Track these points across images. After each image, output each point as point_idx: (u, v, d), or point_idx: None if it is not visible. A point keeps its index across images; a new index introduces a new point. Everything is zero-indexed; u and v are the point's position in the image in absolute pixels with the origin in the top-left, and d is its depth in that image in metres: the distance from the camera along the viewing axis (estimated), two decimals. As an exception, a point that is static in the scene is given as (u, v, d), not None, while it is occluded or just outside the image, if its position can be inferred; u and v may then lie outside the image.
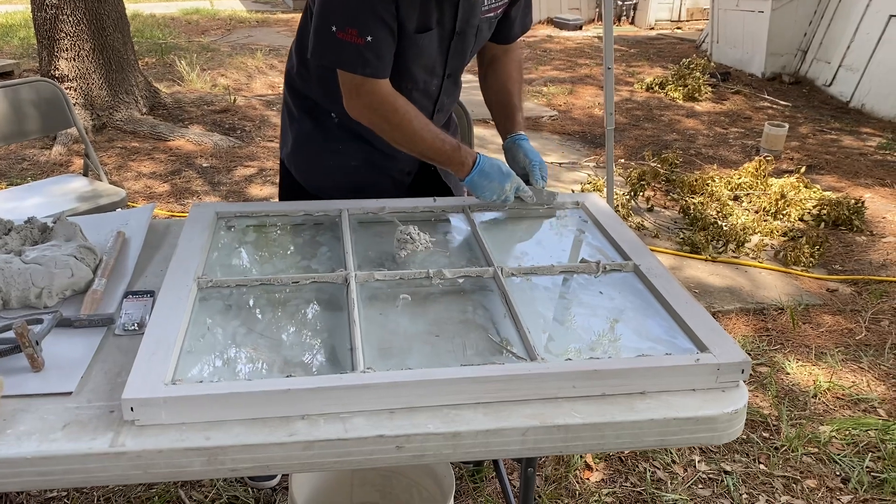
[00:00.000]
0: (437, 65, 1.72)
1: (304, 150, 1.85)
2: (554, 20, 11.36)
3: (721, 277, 3.58)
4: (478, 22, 1.69)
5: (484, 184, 1.66)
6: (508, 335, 1.29)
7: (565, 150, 5.53)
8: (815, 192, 4.41)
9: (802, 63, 7.56)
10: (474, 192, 1.69)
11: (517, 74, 1.93)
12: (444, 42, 1.68)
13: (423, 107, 1.77)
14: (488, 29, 1.76)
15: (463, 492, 2.21)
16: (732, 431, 1.19)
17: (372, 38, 1.53)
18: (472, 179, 1.66)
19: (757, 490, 2.27)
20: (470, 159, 1.66)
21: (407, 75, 1.69)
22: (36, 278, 1.36)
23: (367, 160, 1.80)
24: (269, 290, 1.41)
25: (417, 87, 1.73)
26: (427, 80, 1.74)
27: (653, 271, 1.47)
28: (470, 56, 1.79)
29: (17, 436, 1.04)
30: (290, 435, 1.07)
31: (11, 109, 2.98)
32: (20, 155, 4.98)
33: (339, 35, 1.53)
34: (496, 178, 1.66)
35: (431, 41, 1.65)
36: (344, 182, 1.84)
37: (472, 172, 1.66)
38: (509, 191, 1.68)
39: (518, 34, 1.90)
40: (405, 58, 1.64)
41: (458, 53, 1.73)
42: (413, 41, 1.62)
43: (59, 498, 2.14)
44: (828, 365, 2.89)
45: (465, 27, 1.67)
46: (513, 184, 1.68)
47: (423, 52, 1.66)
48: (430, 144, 1.65)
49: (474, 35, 1.72)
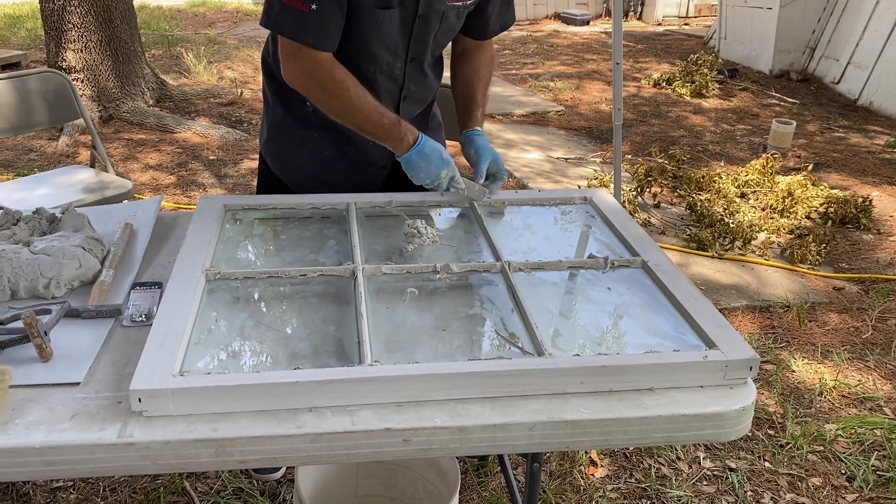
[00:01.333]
0: (398, 47, 1.69)
1: (278, 139, 1.84)
2: (561, 15, 11.33)
3: (727, 275, 3.57)
4: (444, 8, 1.66)
5: (421, 164, 1.64)
6: (516, 330, 1.29)
7: (571, 145, 5.52)
8: (823, 190, 4.39)
9: (810, 60, 7.52)
10: (409, 172, 1.66)
11: (485, 71, 1.90)
12: (406, 24, 1.64)
13: (389, 91, 1.75)
14: (456, 18, 1.73)
15: (467, 486, 2.21)
16: (740, 429, 1.19)
17: (317, 7, 1.51)
18: (409, 157, 1.64)
19: (762, 487, 2.27)
20: (410, 137, 1.63)
21: (368, 55, 1.67)
22: (44, 269, 1.37)
23: (340, 151, 1.78)
24: (276, 282, 1.41)
25: (381, 69, 1.71)
26: (390, 61, 1.71)
27: (661, 267, 1.47)
28: (435, 43, 1.75)
29: (26, 425, 1.05)
30: (297, 427, 1.07)
31: (19, 100, 2.98)
32: (27, 146, 4.99)
33: (285, 1, 1.51)
34: (434, 162, 1.64)
35: (392, 20, 1.62)
36: (317, 174, 1.82)
37: (411, 151, 1.63)
38: (444, 178, 1.65)
39: (494, 31, 1.86)
40: (366, 35, 1.62)
41: (421, 37, 1.69)
42: (373, 16, 1.59)
43: (66, 488, 2.15)
44: (834, 363, 2.89)
45: (429, 11, 1.64)
46: (449, 172, 1.66)
47: (384, 31, 1.63)
48: (366, 116, 1.62)
49: (439, 21, 1.68)
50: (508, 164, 4.94)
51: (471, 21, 1.80)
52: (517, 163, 5.02)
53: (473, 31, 1.84)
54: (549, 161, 5.11)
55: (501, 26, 1.86)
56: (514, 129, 5.82)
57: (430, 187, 1.69)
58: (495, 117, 6.02)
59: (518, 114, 6.20)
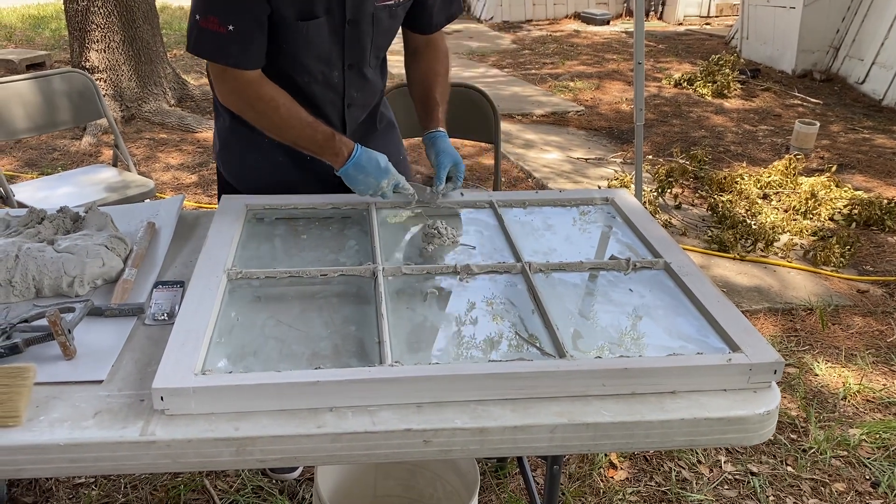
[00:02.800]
0: (333, 55, 1.66)
1: (230, 147, 1.82)
2: (581, 15, 11.28)
3: (749, 277, 3.54)
4: (372, 10, 1.63)
5: (359, 177, 1.61)
6: (536, 331, 1.29)
7: (591, 145, 5.50)
8: (846, 192, 4.34)
9: (834, 60, 7.43)
10: (349, 185, 1.63)
11: (440, 67, 1.86)
12: (336, 31, 1.62)
13: (330, 101, 1.73)
14: (390, 18, 1.69)
15: (486, 487, 2.20)
16: (764, 433, 1.17)
17: (234, 28, 1.49)
18: (346, 171, 1.61)
19: (784, 492, 2.25)
20: (346, 150, 1.60)
21: (301, 67, 1.65)
22: (68, 267, 1.38)
23: (292, 157, 1.75)
24: (297, 282, 1.42)
25: (316, 79, 1.69)
26: (325, 71, 1.68)
27: (684, 269, 1.46)
28: (375, 47, 1.72)
29: (50, 422, 1.06)
30: (318, 427, 1.07)
31: (43, 100, 3.02)
32: (51, 145, 5.05)
33: (202, 23, 1.50)
34: (372, 172, 1.60)
35: (321, 30, 1.60)
36: (270, 180, 1.79)
37: (347, 164, 1.60)
38: (386, 187, 1.62)
39: (440, 24, 1.82)
40: (294, 47, 1.61)
41: (356, 43, 1.67)
42: (297, 29, 1.57)
43: (88, 484, 2.17)
44: (858, 367, 2.85)
45: (358, 15, 1.62)
46: (390, 180, 1.62)
47: (313, 42, 1.61)
48: (299, 132, 1.61)
49: (371, 24, 1.66)
50: (528, 165, 4.93)
51: (413, 16, 1.77)
52: (536, 163, 5.00)
53: (418, 26, 1.81)
54: (568, 161, 5.09)
55: (447, 18, 1.83)
56: (534, 129, 5.80)
57: (375, 198, 1.65)
58: (514, 117, 6.01)
59: (537, 114, 6.18)
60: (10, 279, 1.35)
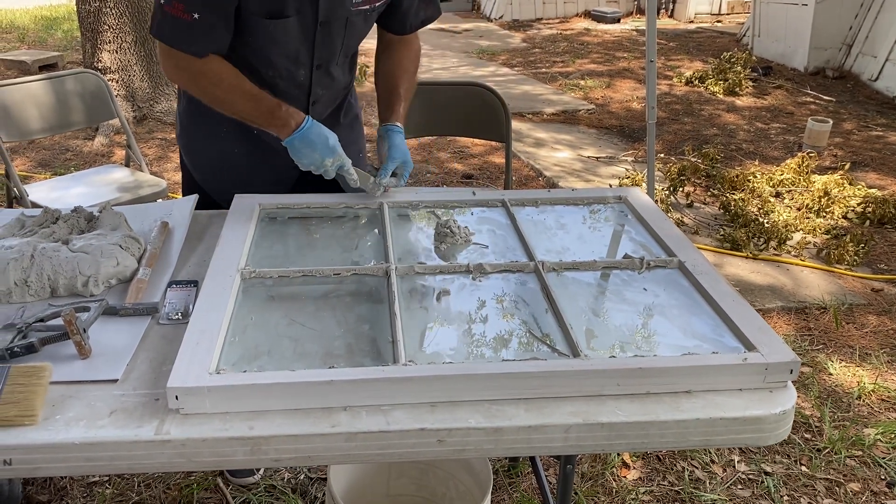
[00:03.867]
0: (301, 55, 1.66)
1: (188, 131, 1.82)
2: (591, 13, 11.25)
3: (762, 275, 3.52)
4: (347, 14, 1.63)
5: (304, 150, 1.59)
6: (550, 330, 1.28)
7: (602, 143, 5.48)
8: (860, 190, 4.31)
9: (847, 57, 7.38)
10: (293, 157, 1.62)
11: (409, 65, 1.86)
12: (307, 32, 1.62)
13: (295, 97, 1.73)
14: (363, 22, 1.70)
15: (499, 486, 2.20)
16: (780, 433, 1.16)
17: (199, 17, 1.49)
18: (291, 141, 1.59)
19: (798, 492, 2.23)
20: (293, 121, 1.58)
21: (266, 62, 1.65)
22: (83, 267, 1.38)
23: (249, 149, 1.74)
24: (310, 281, 1.42)
25: (280, 75, 1.69)
26: (291, 69, 1.69)
27: (698, 268, 1.45)
28: (345, 48, 1.72)
29: (66, 421, 1.06)
30: (332, 426, 1.07)
31: (56, 100, 3.03)
32: (64, 145, 5.08)
33: (166, 7, 1.50)
34: (319, 148, 1.59)
35: (290, 29, 1.59)
36: (227, 172, 1.79)
37: (294, 134, 1.58)
38: (330, 166, 1.60)
39: (415, 26, 1.83)
40: (261, 43, 1.61)
41: (326, 45, 1.67)
42: (264, 27, 1.57)
43: (102, 483, 2.18)
44: (872, 366, 2.83)
45: (331, 18, 1.61)
46: (335, 161, 1.60)
47: (280, 40, 1.61)
48: (243, 105, 1.61)
49: (343, 27, 1.66)
50: (538, 163, 4.92)
51: (388, 18, 1.77)
52: (547, 161, 4.99)
53: (392, 27, 1.81)
54: (579, 160, 5.08)
55: (423, 21, 1.83)
56: (544, 128, 5.79)
57: (316, 173, 1.64)
58: (525, 116, 6.00)
59: (548, 112, 6.17)
60: (26, 279, 1.35)
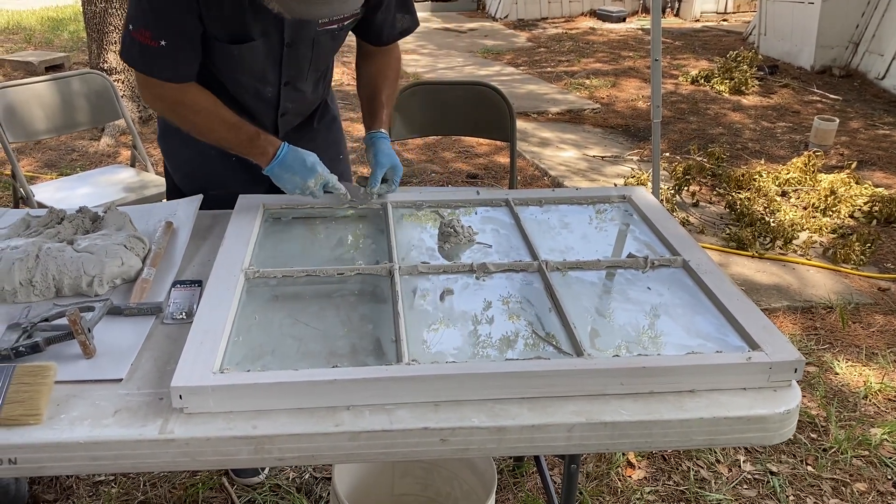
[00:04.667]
0: (268, 74, 1.67)
1: (167, 135, 1.84)
2: (597, 12, 11.24)
3: (768, 275, 3.51)
4: (314, 35, 1.63)
5: (285, 176, 1.60)
6: (554, 330, 1.28)
7: (608, 143, 5.47)
8: (867, 189, 4.29)
9: (854, 56, 7.35)
10: (277, 184, 1.63)
11: (390, 72, 1.87)
12: (274, 53, 1.63)
13: (263, 112, 1.75)
14: (332, 40, 1.70)
15: (503, 486, 2.20)
16: (784, 432, 1.16)
17: (166, 44, 1.50)
18: (272, 170, 1.60)
19: (804, 492, 2.23)
20: (271, 149, 1.60)
21: (233, 81, 1.67)
22: (87, 266, 1.39)
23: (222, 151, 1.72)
24: (314, 281, 1.42)
25: (248, 92, 1.70)
26: (258, 87, 1.70)
27: (702, 267, 1.44)
28: (313, 67, 1.73)
29: (70, 421, 1.06)
30: (335, 425, 1.07)
31: (62, 101, 3.04)
32: (70, 146, 5.10)
33: (134, 34, 1.51)
34: (298, 171, 1.59)
35: (255, 52, 1.60)
36: (203, 174, 1.80)
37: (273, 163, 1.60)
38: (314, 186, 1.60)
39: (392, 38, 1.83)
40: (227, 66, 1.62)
41: (293, 64, 1.68)
42: (228, 52, 1.58)
43: (107, 482, 2.18)
44: (879, 366, 2.82)
45: (297, 39, 1.62)
46: (318, 180, 1.60)
47: (246, 62, 1.62)
48: (223, 135, 1.62)
49: (311, 48, 1.66)
50: (544, 163, 4.91)
51: (364, 30, 1.77)
52: (552, 161, 4.99)
53: (370, 39, 1.82)
54: (584, 159, 5.07)
55: (401, 32, 1.83)
56: (550, 128, 5.78)
57: (305, 196, 1.64)
58: (530, 115, 5.99)
59: (553, 112, 6.16)
60: (31, 279, 1.36)
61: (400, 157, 1.76)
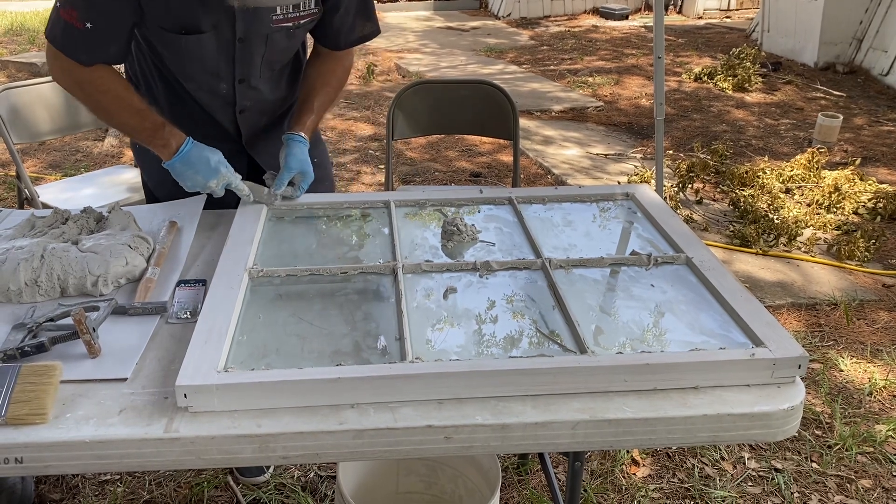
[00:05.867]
0: (221, 70, 1.65)
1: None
2: (599, 10, 11.21)
3: (772, 272, 3.50)
4: (267, 31, 1.60)
5: (186, 173, 1.57)
6: (557, 327, 1.28)
7: (611, 140, 5.47)
8: (871, 185, 4.28)
9: (858, 52, 7.33)
10: (177, 179, 1.60)
11: (333, 80, 1.82)
12: (226, 47, 1.60)
13: (219, 109, 1.73)
14: (287, 38, 1.67)
15: (508, 484, 2.20)
16: (788, 429, 1.16)
17: (92, 27, 1.47)
18: (172, 165, 1.57)
19: (809, 489, 2.22)
20: (175, 142, 1.56)
21: (186, 75, 1.65)
22: (92, 266, 1.39)
23: None
24: (318, 280, 1.42)
25: (203, 88, 1.68)
26: (212, 83, 1.67)
27: (706, 264, 1.44)
28: (266, 64, 1.69)
29: (76, 420, 1.07)
30: (340, 423, 1.07)
31: (66, 102, 3.05)
32: (74, 147, 5.11)
33: (61, 12, 1.48)
34: (201, 170, 1.57)
35: (205, 45, 1.58)
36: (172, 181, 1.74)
37: (174, 158, 1.56)
38: (215, 187, 1.58)
39: (350, 43, 1.79)
40: (178, 58, 1.60)
41: (246, 60, 1.65)
42: (178, 42, 1.56)
43: (113, 481, 2.19)
44: (884, 362, 2.81)
45: (249, 34, 1.59)
46: (220, 180, 1.58)
47: (196, 56, 1.60)
48: (126, 119, 1.59)
49: (264, 43, 1.63)
50: (547, 161, 4.91)
51: (320, 32, 1.75)
52: (555, 159, 4.98)
53: (325, 42, 1.79)
54: (588, 157, 5.07)
55: (359, 38, 1.80)
56: (553, 126, 5.78)
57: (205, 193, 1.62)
58: (533, 113, 5.99)
59: (556, 110, 6.16)
60: (36, 279, 1.36)
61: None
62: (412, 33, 9.66)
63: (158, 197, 1.84)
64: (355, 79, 6.97)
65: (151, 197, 1.90)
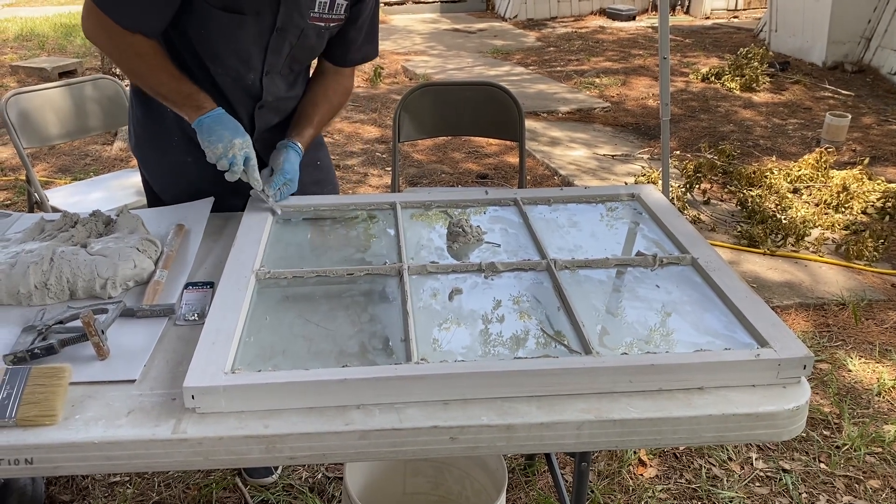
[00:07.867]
0: (252, 57, 1.66)
1: (142, 141, 1.84)
2: (606, 11, 11.21)
3: (780, 272, 3.49)
4: (304, 25, 1.63)
5: (215, 127, 1.58)
6: (563, 328, 1.29)
7: (618, 141, 5.46)
8: (880, 185, 4.26)
9: (866, 51, 7.30)
10: (202, 139, 1.59)
11: (335, 98, 1.87)
12: (262, 35, 1.62)
13: (240, 99, 1.73)
14: (317, 37, 1.70)
15: (514, 485, 2.21)
16: (793, 429, 1.16)
17: None
18: (201, 120, 1.58)
19: (817, 489, 2.22)
20: (209, 105, 1.60)
21: (216, 59, 1.66)
22: (101, 269, 1.40)
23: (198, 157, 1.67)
24: (324, 281, 1.43)
25: (229, 74, 1.69)
26: (241, 70, 1.68)
27: (711, 265, 1.45)
28: (291, 58, 1.72)
29: (85, 421, 1.08)
30: (346, 424, 1.08)
31: (75, 106, 3.07)
32: (83, 151, 5.14)
33: None
34: (229, 128, 1.58)
35: (244, 28, 1.59)
36: (181, 182, 1.79)
37: (206, 115, 1.58)
38: (238, 149, 1.58)
39: (355, 61, 1.85)
40: (210, 36, 1.61)
41: (276, 51, 1.67)
42: (218, 19, 1.56)
43: (123, 482, 2.21)
44: (893, 362, 2.80)
45: (288, 25, 1.62)
46: (244, 145, 1.59)
47: (231, 37, 1.61)
48: (162, 79, 1.60)
49: (297, 36, 1.66)
50: (553, 162, 4.91)
51: (333, 45, 1.78)
52: (562, 160, 4.98)
53: (333, 57, 1.83)
54: (594, 158, 5.07)
55: (363, 58, 1.86)
56: (559, 127, 5.78)
57: (221, 167, 1.60)
58: (540, 115, 5.99)
59: (563, 111, 6.16)
60: (46, 282, 1.38)
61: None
62: (419, 35, 9.68)
63: (164, 200, 1.85)
64: (362, 81, 6.98)
65: (154, 201, 1.92)
